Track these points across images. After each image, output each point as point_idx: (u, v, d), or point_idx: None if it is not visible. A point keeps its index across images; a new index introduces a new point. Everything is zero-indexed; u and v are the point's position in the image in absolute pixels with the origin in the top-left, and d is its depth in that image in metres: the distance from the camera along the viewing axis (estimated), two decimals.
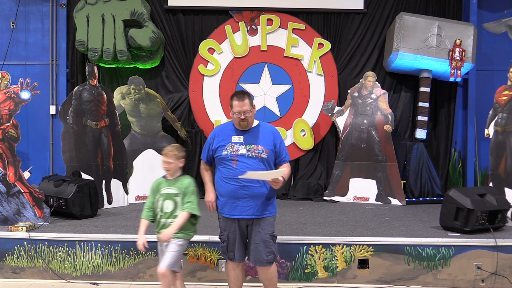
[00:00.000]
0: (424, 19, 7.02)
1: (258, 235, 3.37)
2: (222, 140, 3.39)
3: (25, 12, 7.58)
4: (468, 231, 4.55)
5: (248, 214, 3.33)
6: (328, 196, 7.07)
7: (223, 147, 3.37)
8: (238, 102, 3.33)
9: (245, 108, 3.32)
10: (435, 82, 7.39)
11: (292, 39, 7.47)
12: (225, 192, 3.37)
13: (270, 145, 3.38)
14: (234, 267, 3.52)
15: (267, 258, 3.39)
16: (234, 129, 3.42)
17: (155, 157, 6.99)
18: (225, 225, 3.45)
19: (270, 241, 3.39)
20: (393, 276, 4.34)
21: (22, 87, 5.01)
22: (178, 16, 7.57)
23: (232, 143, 3.35)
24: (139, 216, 5.56)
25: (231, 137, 3.37)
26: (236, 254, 3.44)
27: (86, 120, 6.14)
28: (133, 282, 4.36)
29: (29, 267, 4.41)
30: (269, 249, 3.39)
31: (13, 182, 4.92)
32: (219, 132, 3.47)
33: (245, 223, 3.39)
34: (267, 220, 3.39)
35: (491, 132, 5.74)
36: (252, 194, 3.31)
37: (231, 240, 3.43)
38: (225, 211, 3.41)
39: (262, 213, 3.36)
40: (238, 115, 3.33)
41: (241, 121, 3.34)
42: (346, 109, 7.21)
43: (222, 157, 3.36)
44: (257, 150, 3.33)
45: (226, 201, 3.38)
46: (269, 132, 3.45)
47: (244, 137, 3.36)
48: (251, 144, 3.34)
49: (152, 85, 7.44)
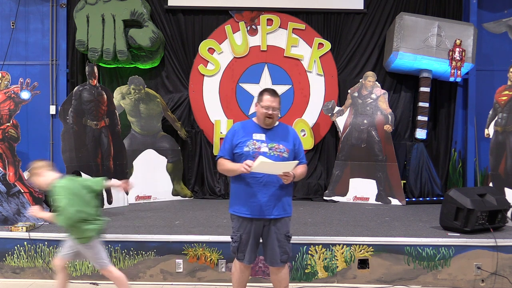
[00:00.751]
0: (424, 19, 7.02)
1: (274, 235, 3.33)
2: (242, 136, 3.30)
3: (25, 12, 7.58)
4: (468, 231, 4.55)
5: (267, 214, 3.27)
6: (328, 196, 7.07)
7: (244, 143, 3.27)
8: (271, 97, 3.30)
9: (274, 105, 3.29)
10: (435, 82, 7.39)
11: (292, 39, 7.47)
12: (245, 191, 3.28)
13: (291, 145, 3.35)
14: (242, 269, 3.44)
15: (281, 258, 3.36)
16: (255, 126, 3.37)
17: (155, 157, 7.01)
18: (240, 226, 3.34)
19: (285, 241, 3.36)
20: (393, 276, 4.34)
21: (22, 87, 5.01)
22: (178, 16, 7.57)
23: (254, 140, 3.27)
24: (139, 216, 5.63)
25: (253, 134, 3.31)
26: (247, 255, 3.36)
27: (86, 120, 6.15)
28: (133, 282, 4.36)
29: (29, 267, 4.41)
30: (283, 249, 3.35)
31: (13, 182, 4.93)
32: (240, 128, 3.38)
33: (262, 223, 3.32)
34: (283, 221, 3.35)
35: (491, 132, 5.74)
36: (272, 193, 3.26)
37: (244, 241, 3.33)
38: (243, 211, 3.31)
39: (280, 213, 3.31)
40: (267, 110, 3.28)
41: (268, 117, 3.29)
42: (346, 109, 7.21)
43: (243, 153, 3.25)
44: (279, 149, 3.28)
45: (245, 201, 3.29)
46: (289, 132, 3.42)
47: (265, 135, 3.32)
48: (273, 142, 3.30)
49: (152, 85, 7.45)
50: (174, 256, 4.35)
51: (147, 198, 6.87)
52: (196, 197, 7.28)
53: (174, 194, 7.12)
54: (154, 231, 4.65)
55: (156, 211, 6.00)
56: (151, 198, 6.90)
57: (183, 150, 7.35)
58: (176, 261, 4.34)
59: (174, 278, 4.36)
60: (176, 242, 4.38)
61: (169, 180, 7.09)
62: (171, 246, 4.37)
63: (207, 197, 7.24)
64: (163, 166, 7.06)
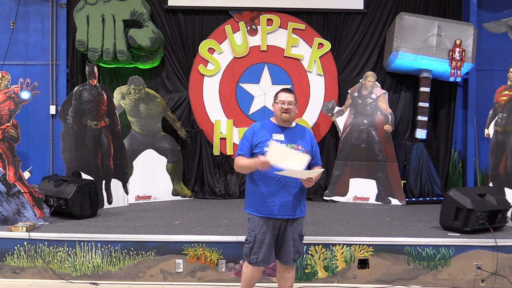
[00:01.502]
0: (424, 19, 7.02)
1: (290, 235, 3.36)
2: (262, 136, 3.31)
3: (25, 12, 7.58)
4: (468, 231, 4.55)
5: (286, 214, 3.29)
6: (328, 196, 7.07)
7: (264, 143, 3.27)
8: (285, 93, 3.35)
9: (290, 99, 3.32)
10: (435, 82, 7.39)
11: (292, 39, 7.47)
12: (264, 191, 3.28)
13: (309, 146, 3.37)
14: (254, 272, 3.42)
15: (294, 257, 3.41)
16: (274, 126, 3.38)
17: (155, 157, 7.01)
18: (255, 226, 3.32)
19: (299, 241, 3.41)
20: (393, 276, 4.34)
21: (22, 87, 5.01)
22: (178, 16, 7.57)
23: (273, 140, 3.26)
24: (139, 216, 5.63)
25: (272, 135, 3.33)
26: (261, 257, 3.33)
27: (86, 120, 6.15)
28: (133, 282, 4.37)
29: (29, 267, 4.41)
30: (296, 248, 3.40)
31: (13, 182, 4.92)
32: (259, 128, 3.39)
33: (279, 223, 3.33)
34: (299, 220, 3.40)
35: (491, 132, 5.74)
36: (291, 193, 3.28)
37: (258, 242, 3.31)
38: (261, 211, 3.31)
39: (296, 213, 3.34)
40: (283, 104, 3.31)
41: (284, 111, 3.31)
42: (346, 109, 7.21)
43: (263, 153, 3.21)
44: (298, 150, 3.29)
45: (264, 201, 3.28)
46: (307, 134, 3.45)
47: (284, 135, 3.33)
48: (292, 143, 3.31)
49: (152, 85, 7.45)
50: (174, 256, 4.35)
51: (147, 198, 6.87)
52: (196, 197, 7.28)
53: (174, 194, 7.12)
54: (154, 231, 4.64)
55: (156, 211, 6.00)
56: (151, 198, 6.90)
57: (183, 150, 7.35)
58: (176, 261, 4.34)
59: (174, 278, 4.36)
60: (176, 242, 4.38)
61: (169, 180, 7.09)
62: (171, 246, 4.37)
63: (207, 197, 7.24)
64: (163, 166, 7.06)
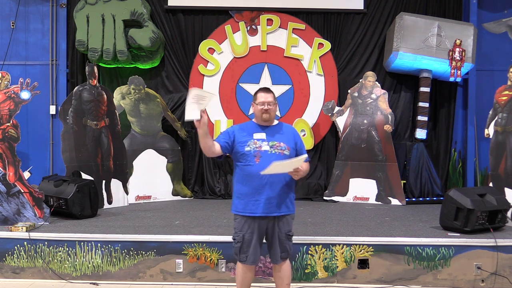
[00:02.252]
0: (424, 19, 7.02)
1: (276, 234, 3.38)
2: (243, 136, 3.35)
3: (25, 12, 7.58)
4: (468, 231, 4.55)
5: (271, 211, 3.31)
6: (328, 196, 7.07)
7: (245, 143, 3.32)
8: (263, 94, 3.38)
9: (269, 100, 3.35)
10: (435, 82, 7.39)
11: (292, 39, 7.47)
12: (248, 190, 3.31)
13: (292, 143, 3.39)
14: (245, 270, 3.46)
15: (281, 255, 3.42)
16: (255, 126, 3.42)
17: (155, 157, 7.01)
18: (242, 226, 3.36)
19: (286, 240, 3.41)
20: (393, 276, 4.34)
21: (22, 87, 5.01)
22: (178, 16, 7.57)
23: (255, 140, 3.32)
24: (139, 216, 5.63)
25: (253, 134, 3.36)
26: (250, 256, 3.37)
27: (86, 120, 6.15)
28: (133, 282, 4.37)
29: (29, 267, 4.41)
30: (284, 247, 3.41)
31: (13, 182, 4.92)
32: (241, 128, 3.44)
33: (265, 222, 3.35)
34: (286, 219, 3.40)
35: (491, 132, 5.74)
36: (275, 190, 3.29)
37: (246, 241, 3.35)
38: (247, 210, 3.33)
39: (284, 211, 3.36)
40: (262, 106, 3.34)
41: (264, 112, 3.35)
42: (346, 109, 7.21)
43: (244, 153, 3.30)
44: (280, 147, 3.32)
45: (248, 200, 3.31)
46: (289, 131, 3.47)
47: (266, 134, 3.36)
48: (274, 141, 3.34)
49: (152, 85, 7.44)
50: (174, 256, 4.35)
51: (147, 198, 6.87)
52: (196, 197, 7.28)
53: (174, 194, 7.12)
54: (154, 231, 4.64)
55: (156, 211, 6.00)
56: (151, 198, 6.90)
57: (183, 150, 7.35)
58: (176, 261, 4.34)
59: (174, 278, 4.36)
60: (176, 242, 4.38)
61: (169, 180, 7.09)
62: (171, 246, 4.37)
63: (207, 197, 7.25)
64: (163, 166, 7.06)
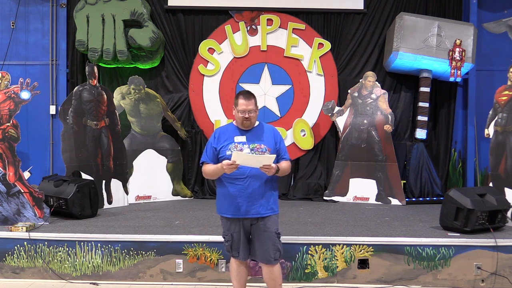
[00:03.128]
0: (424, 19, 7.02)
1: (264, 234, 3.40)
2: (224, 140, 3.39)
3: (25, 12, 7.58)
4: (468, 231, 4.55)
5: (253, 213, 3.35)
6: (328, 196, 7.07)
7: (226, 147, 3.36)
8: (245, 101, 3.37)
9: (250, 108, 3.36)
10: (435, 82, 7.39)
11: (292, 39, 7.47)
12: (230, 192, 3.37)
13: (272, 144, 3.42)
14: (238, 264, 3.55)
15: (274, 256, 3.44)
16: (236, 129, 3.45)
17: (155, 157, 7.01)
18: (229, 226, 3.45)
19: (276, 239, 3.44)
20: (393, 276, 4.34)
21: (22, 87, 5.01)
22: (178, 16, 7.57)
23: (236, 143, 3.35)
24: (139, 216, 5.63)
25: (234, 137, 3.40)
26: (241, 253, 3.47)
27: (86, 120, 6.15)
28: (133, 282, 4.37)
29: (29, 267, 4.41)
30: (276, 247, 3.44)
31: (13, 182, 4.92)
32: (221, 133, 3.47)
33: (249, 222, 3.41)
34: (271, 219, 3.43)
35: (491, 132, 5.74)
36: (256, 193, 3.34)
37: (236, 240, 3.44)
38: (229, 212, 3.40)
39: (266, 212, 3.39)
40: (243, 114, 3.36)
41: (245, 120, 3.37)
42: (346, 109, 7.21)
43: (226, 157, 3.32)
44: (261, 149, 3.35)
45: (231, 202, 3.37)
46: (270, 132, 3.50)
47: (246, 137, 3.40)
48: (254, 143, 3.37)
49: (152, 85, 7.44)
50: (174, 256, 4.35)
51: (147, 198, 6.87)
52: (196, 197, 7.28)
53: (174, 194, 7.12)
54: (154, 231, 4.64)
55: (156, 211, 6.00)
56: (151, 198, 6.90)
57: (183, 150, 7.35)
58: (176, 261, 4.34)
59: (174, 278, 4.36)
60: (176, 242, 4.38)
61: (169, 180, 7.09)
62: (171, 246, 4.37)
63: (207, 197, 7.24)
64: (163, 166, 7.06)
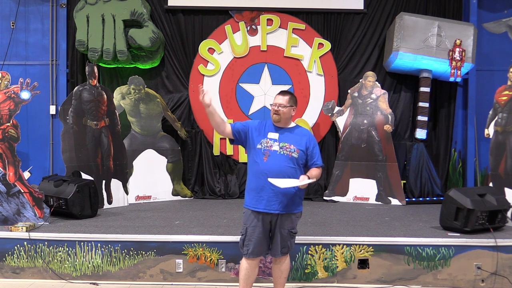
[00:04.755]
0: (424, 19, 7.02)
1: (278, 231, 3.51)
2: (259, 134, 3.53)
3: (25, 12, 7.58)
4: (468, 231, 4.55)
5: (273, 208, 3.44)
6: (328, 196, 7.07)
7: (258, 141, 3.50)
8: (279, 96, 3.55)
9: (280, 102, 3.50)
10: (435, 82, 7.38)
11: (292, 39, 7.47)
12: (254, 186, 3.48)
13: (302, 146, 3.51)
14: (247, 264, 3.59)
15: (282, 250, 3.56)
16: (271, 126, 3.56)
17: (155, 157, 7.01)
18: (247, 219, 3.53)
19: (288, 237, 3.55)
20: (393, 276, 4.34)
21: (22, 87, 5.01)
22: (178, 16, 7.57)
23: (268, 139, 3.49)
24: (139, 216, 5.63)
25: (268, 133, 3.52)
26: (251, 248, 3.50)
27: (86, 120, 6.15)
28: (133, 282, 4.37)
29: (29, 267, 4.41)
30: (284, 243, 3.55)
31: (13, 182, 4.92)
32: (259, 125, 3.60)
33: (269, 218, 3.48)
34: (290, 217, 3.52)
35: (491, 132, 5.74)
36: (279, 190, 3.40)
37: (249, 234, 3.51)
38: (251, 204, 3.50)
39: (286, 210, 3.48)
40: (274, 106, 3.51)
41: (274, 113, 3.51)
42: (346, 109, 7.21)
43: (256, 150, 3.49)
44: (289, 149, 3.46)
45: (254, 195, 3.48)
46: (303, 135, 3.59)
47: (279, 135, 3.50)
48: (285, 142, 3.48)
49: (152, 85, 7.44)
50: (174, 256, 4.35)
51: (147, 198, 6.87)
52: (196, 197, 7.28)
53: (174, 194, 7.12)
54: (154, 231, 4.65)
55: (156, 211, 6.00)
56: (151, 198, 6.90)
57: (183, 150, 7.35)
58: (176, 261, 4.34)
59: (174, 278, 4.36)
60: (176, 242, 4.38)
61: (169, 180, 7.09)
62: (171, 246, 4.37)
63: (207, 197, 7.24)
64: (163, 166, 7.06)
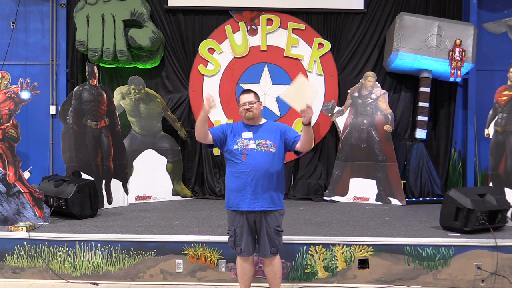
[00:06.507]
0: (424, 19, 7.02)
1: (264, 229, 3.52)
2: (233, 136, 3.55)
3: (25, 12, 7.58)
4: (468, 231, 4.55)
5: (256, 206, 3.46)
6: (328, 196, 7.07)
7: (234, 142, 3.51)
8: (244, 95, 3.59)
9: (250, 99, 3.53)
10: (435, 82, 7.39)
11: (292, 39, 7.47)
12: (235, 186, 3.49)
13: (277, 140, 3.53)
14: (242, 262, 3.64)
15: (271, 250, 3.56)
16: (243, 126, 3.59)
17: (155, 157, 7.01)
18: (233, 220, 3.56)
19: (275, 235, 3.54)
20: (393, 276, 4.34)
21: (22, 87, 5.01)
22: (178, 16, 7.57)
23: (243, 139, 3.51)
24: (139, 216, 5.63)
25: (242, 133, 3.54)
26: (244, 248, 3.54)
27: (86, 120, 6.15)
28: (133, 282, 4.37)
29: (29, 267, 4.41)
30: (273, 243, 3.55)
31: (13, 182, 4.92)
32: (232, 127, 3.62)
33: (252, 217, 3.50)
34: (273, 215, 3.53)
35: (491, 132, 5.74)
36: (261, 187, 3.43)
37: (238, 235, 3.54)
38: (234, 205, 3.52)
39: (269, 207, 3.49)
40: (244, 106, 3.53)
41: (247, 111, 3.52)
42: (346, 109, 7.21)
43: (232, 151, 3.50)
44: (266, 145, 3.49)
45: (236, 195, 3.49)
46: (275, 128, 3.62)
47: (253, 133, 3.53)
48: (260, 139, 3.50)
49: (152, 85, 7.44)
50: (174, 256, 4.35)
51: (147, 198, 6.87)
52: (196, 197, 7.28)
53: (174, 194, 7.12)
54: (154, 231, 4.64)
55: (156, 211, 6.00)
56: (151, 198, 6.90)
57: (183, 150, 7.36)
58: (176, 261, 4.34)
59: (174, 278, 4.36)
60: (176, 242, 4.38)
61: (169, 180, 7.09)
62: (171, 246, 4.37)
63: (207, 197, 7.25)
64: (163, 166, 7.06)
